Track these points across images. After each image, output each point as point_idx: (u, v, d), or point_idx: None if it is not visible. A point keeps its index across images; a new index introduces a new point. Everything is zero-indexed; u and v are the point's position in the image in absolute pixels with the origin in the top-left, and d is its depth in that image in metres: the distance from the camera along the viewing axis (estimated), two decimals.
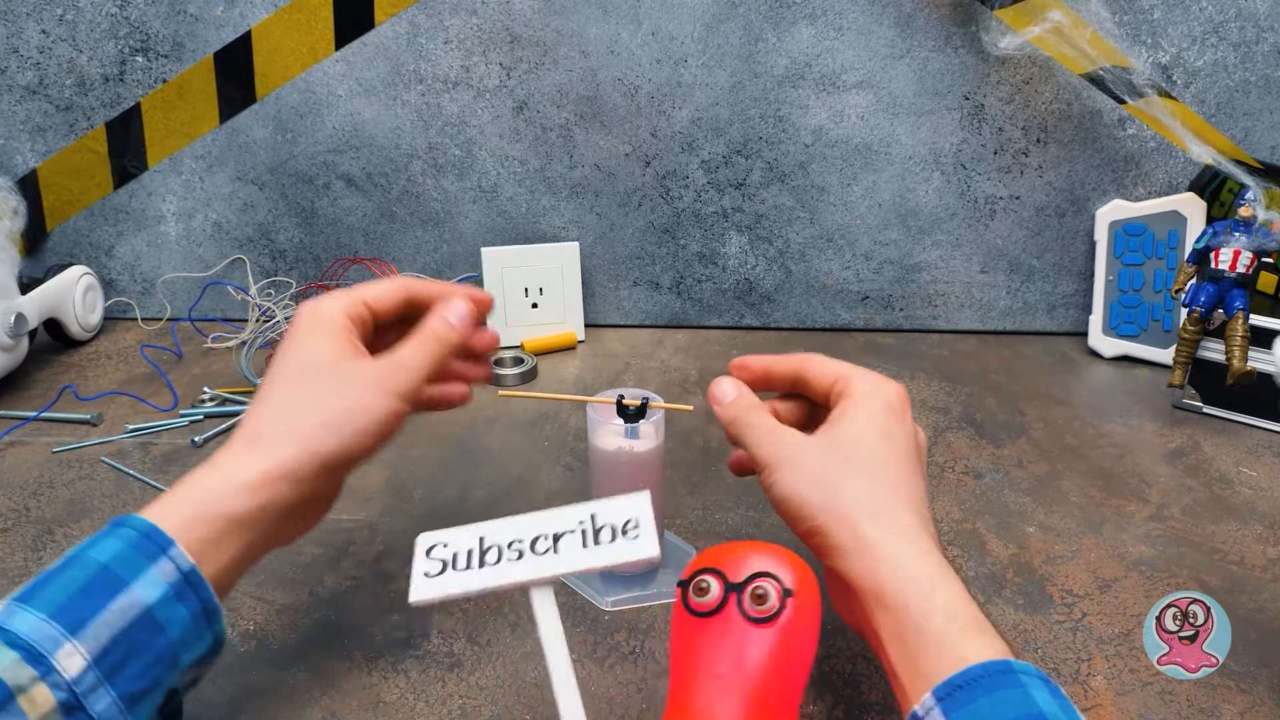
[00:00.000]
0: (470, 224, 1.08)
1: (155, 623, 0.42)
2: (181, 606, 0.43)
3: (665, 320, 1.11)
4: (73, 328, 1.03)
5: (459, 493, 0.76)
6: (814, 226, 1.06)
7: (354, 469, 0.52)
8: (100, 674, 0.40)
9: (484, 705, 0.54)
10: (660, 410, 0.61)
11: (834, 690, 0.55)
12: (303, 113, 1.04)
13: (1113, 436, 0.85)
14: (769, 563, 0.47)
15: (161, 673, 0.43)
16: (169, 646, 0.43)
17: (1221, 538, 0.70)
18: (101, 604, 0.41)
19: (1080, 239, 1.03)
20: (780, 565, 0.47)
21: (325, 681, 0.56)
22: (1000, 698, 0.38)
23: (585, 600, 0.63)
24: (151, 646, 0.42)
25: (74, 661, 0.40)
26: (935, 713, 0.39)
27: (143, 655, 0.42)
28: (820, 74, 0.99)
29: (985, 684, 0.39)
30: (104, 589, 0.42)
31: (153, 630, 0.42)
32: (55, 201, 1.10)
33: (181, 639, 0.43)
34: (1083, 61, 0.90)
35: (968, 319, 1.08)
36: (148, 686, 0.42)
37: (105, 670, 0.40)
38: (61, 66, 1.04)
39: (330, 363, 0.50)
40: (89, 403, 0.92)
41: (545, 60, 1.01)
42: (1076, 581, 0.65)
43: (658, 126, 1.03)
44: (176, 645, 0.43)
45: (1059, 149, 1.00)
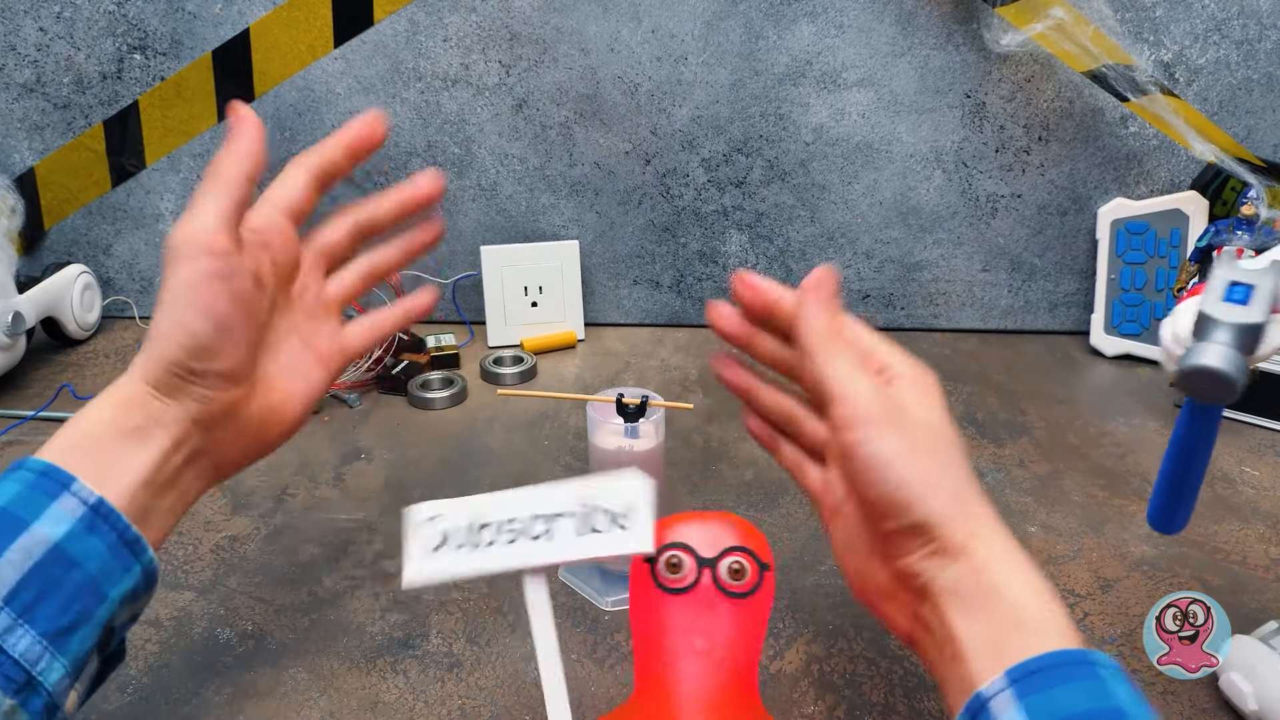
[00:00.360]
0: (469, 222, 1.08)
1: (67, 557, 0.41)
2: (95, 539, 0.42)
3: (665, 319, 1.11)
4: (70, 326, 1.03)
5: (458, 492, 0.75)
6: (815, 225, 1.06)
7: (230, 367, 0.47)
8: (15, 614, 0.39)
9: (483, 706, 0.54)
10: (660, 409, 0.61)
11: (835, 691, 0.55)
12: (301, 111, 1.04)
13: (1115, 436, 0.85)
14: (738, 536, 0.47)
15: (85, 606, 0.41)
16: (88, 580, 0.41)
17: (1224, 537, 0.70)
18: (3, 545, 0.40)
19: (1082, 237, 1.03)
20: (748, 538, 0.47)
21: (324, 682, 0.56)
22: (1078, 688, 0.36)
23: (585, 600, 0.63)
24: (67, 581, 0.41)
25: None
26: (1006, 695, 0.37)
27: (59, 591, 0.40)
28: (821, 72, 0.99)
29: (1063, 673, 0.37)
30: (5, 531, 0.40)
31: (66, 565, 0.41)
32: (53, 200, 1.10)
33: (102, 571, 0.42)
34: (1085, 59, 0.90)
35: (969, 318, 1.08)
36: (71, 621, 0.41)
37: (19, 609, 0.39)
38: (59, 64, 1.04)
39: None
40: (87, 402, 0.91)
41: (545, 58, 1.01)
42: (1078, 581, 0.65)
43: (658, 124, 1.03)
44: (97, 578, 0.42)
45: (1061, 147, 1.00)
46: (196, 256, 0.45)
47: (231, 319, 0.46)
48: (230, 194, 0.47)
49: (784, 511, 0.73)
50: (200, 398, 0.46)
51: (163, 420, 0.46)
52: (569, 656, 0.58)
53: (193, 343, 0.45)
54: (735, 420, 0.87)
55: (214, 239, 0.46)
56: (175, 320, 0.45)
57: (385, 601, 0.63)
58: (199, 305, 0.45)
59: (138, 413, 0.45)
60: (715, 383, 0.94)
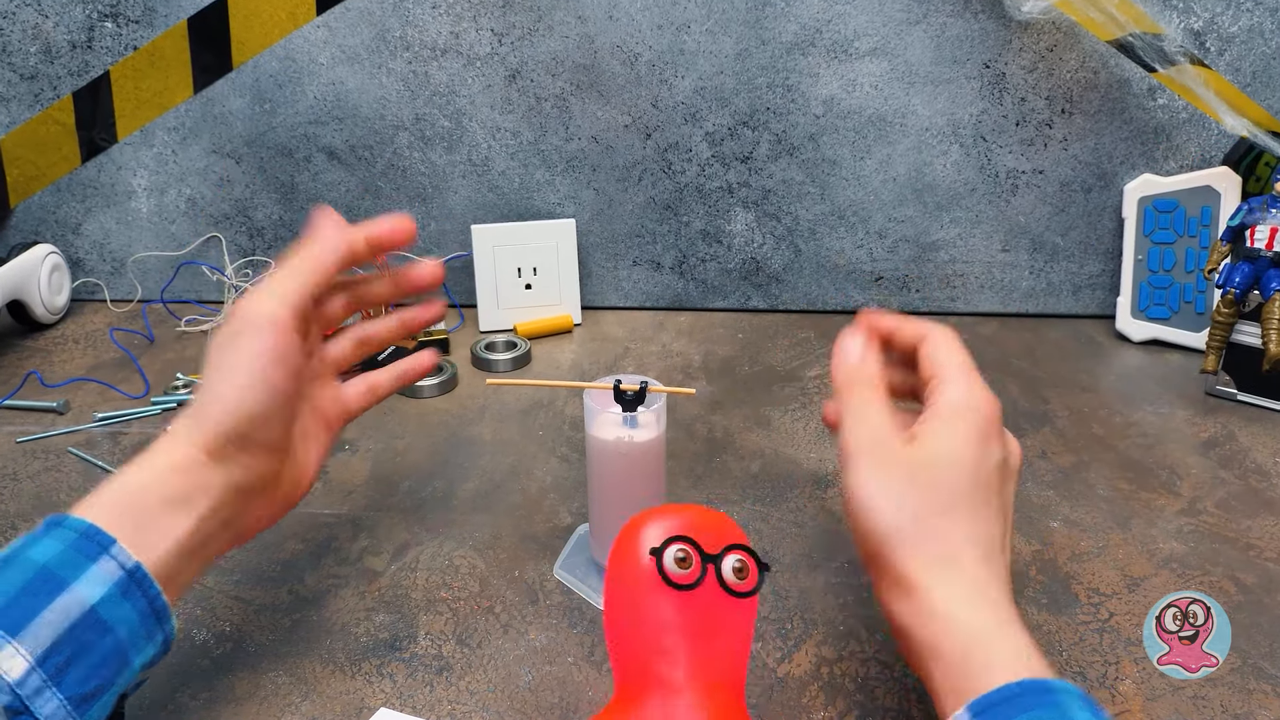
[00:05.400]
0: (460, 200, 1.07)
1: (101, 622, 0.43)
2: (128, 605, 0.44)
3: (667, 302, 1.11)
4: (38, 310, 1.03)
5: (447, 485, 0.76)
6: (825, 202, 1.05)
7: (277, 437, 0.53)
8: (45, 675, 0.41)
9: (475, 711, 0.54)
10: (661, 396, 0.60)
11: (846, 695, 0.55)
12: (282, 82, 1.03)
13: (1142, 426, 0.84)
14: (736, 533, 0.49)
15: (111, 674, 0.43)
16: (117, 646, 0.43)
17: (1257, 533, 0.69)
18: (42, 604, 0.42)
19: (1107, 216, 1.03)
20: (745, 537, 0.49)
21: (306, 685, 0.56)
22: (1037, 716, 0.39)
23: (582, 600, 0.62)
24: (99, 646, 0.43)
25: (16, 664, 0.40)
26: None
27: (89, 656, 0.42)
28: (831, 41, 0.98)
29: (1023, 701, 0.39)
30: (44, 590, 0.42)
31: (99, 630, 0.43)
32: (19, 176, 1.09)
33: (130, 639, 0.44)
34: (1111, 27, 0.89)
35: (988, 301, 1.08)
36: (97, 687, 0.42)
37: (50, 671, 0.41)
38: (26, 32, 1.03)
39: None
40: (55, 389, 0.91)
41: (539, 26, 1.00)
42: (1103, 580, 0.64)
43: (659, 96, 1.02)
44: (125, 645, 0.44)
45: (1085, 120, 0.99)
46: (266, 331, 0.51)
47: (288, 394, 0.52)
48: (310, 279, 0.53)
49: (793, 506, 0.72)
50: (246, 466, 0.51)
51: (208, 487, 0.49)
52: (564, 659, 0.58)
53: (253, 413, 0.50)
54: (741, 409, 0.87)
55: (287, 318, 0.51)
56: (237, 388, 0.50)
57: (370, 601, 0.63)
58: (264, 378, 0.50)
59: (186, 478, 0.49)
60: (720, 369, 0.94)
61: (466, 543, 0.69)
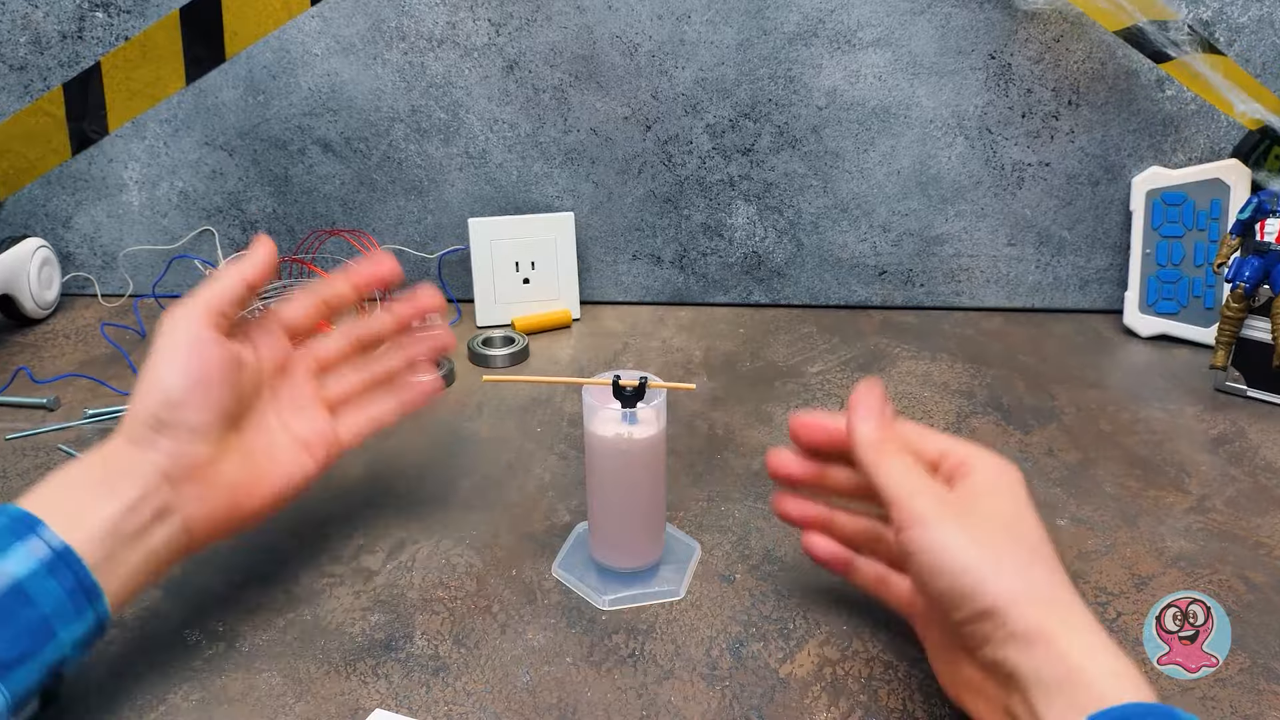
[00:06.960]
0: (457, 193, 1.07)
1: (25, 595, 0.47)
2: (54, 581, 0.48)
3: (667, 297, 1.11)
4: (28, 305, 1.03)
5: (444, 483, 0.76)
6: (827, 195, 1.05)
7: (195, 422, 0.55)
8: None
9: (471, 712, 0.54)
10: (661, 392, 0.60)
11: (849, 696, 0.55)
12: (276, 73, 1.03)
13: (1150, 422, 0.84)
14: None
15: (34, 643, 0.47)
16: (42, 619, 0.47)
17: (1267, 531, 0.69)
18: None
19: (1115, 209, 1.02)
20: None
21: (300, 686, 0.56)
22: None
23: (580, 599, 0.62)
24: (20, 616, 0.46)
25: None
26: None
27: (12, 624, 0.46)
28: (834, 31, 0.98)
29: None
30: None
31: (22, 601, 0.47)
32: (8, 169, 1.09)
33: (56, 612, 0.47)
34: (1119, 16, 0.89)
35: (993, 295, 1.08)
36: (19, 654, 0.46)
37: None
38: (15, 23, 1.03)
39: None
40: (45, 386, 0.91)
41: (537, 16, 0.99)
42: (1111, 578, 0.64)
43: (659, 88, 1.01)
44: (50, 618, 0.47)
45: (1092, 112, 0.99)
46: (180, 327, 0.56)
47: (202, 379, 0.55)
48: (225, 292, 0.58)
49: None
50: (168, 451, 0.53)
51: (131, 471, 0.52)
52: (563, 659, 0.57)
53: (164, 395, 0.54)
54: (742, 405, 0.86)
55: (200, 316, 0.56)
56: (152, 376, 0.55)
57: (366, 600, 0.63)
58: (173, 362, 0.55)
59: (110, 464, 0.53)
60: (721, 365, 0.94)
61: (464, 541, 0.68)
